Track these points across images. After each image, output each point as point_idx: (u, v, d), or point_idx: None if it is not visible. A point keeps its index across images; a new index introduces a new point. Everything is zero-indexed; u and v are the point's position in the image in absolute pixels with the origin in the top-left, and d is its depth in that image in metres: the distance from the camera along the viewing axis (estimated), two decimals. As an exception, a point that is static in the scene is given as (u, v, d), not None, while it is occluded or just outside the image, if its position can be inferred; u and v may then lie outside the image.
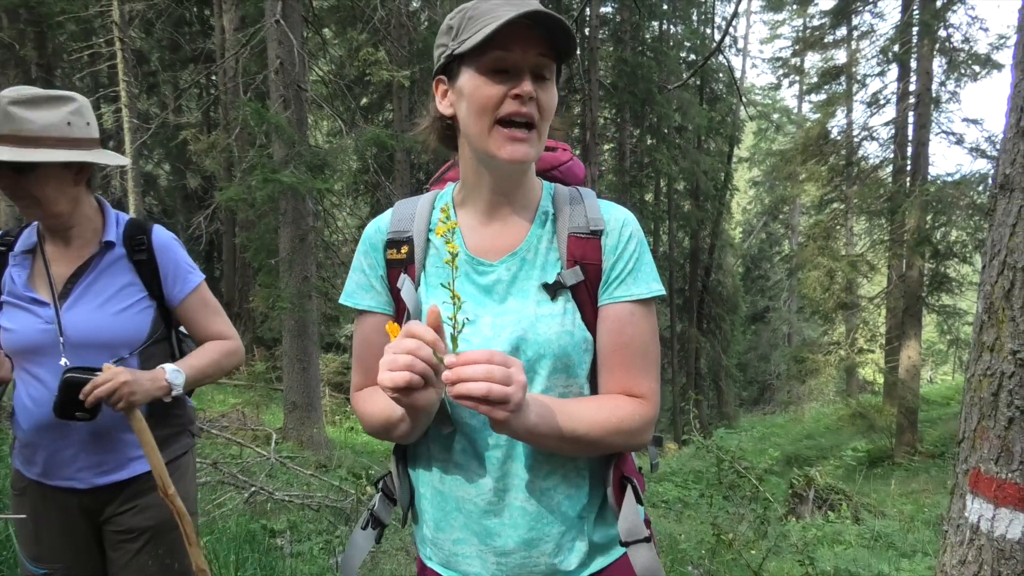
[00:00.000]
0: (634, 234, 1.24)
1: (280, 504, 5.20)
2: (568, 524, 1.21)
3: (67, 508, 1.82)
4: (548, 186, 1.30)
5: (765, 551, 4.15)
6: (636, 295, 1.21)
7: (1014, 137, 1.46)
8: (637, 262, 1.23)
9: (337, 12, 12.99)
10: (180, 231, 18.45)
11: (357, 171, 13.00)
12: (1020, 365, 1.43)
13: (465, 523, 1.20)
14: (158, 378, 1.74)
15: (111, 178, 12.89)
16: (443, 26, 1.20)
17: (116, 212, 1.90)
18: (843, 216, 17.37)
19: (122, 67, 10.42)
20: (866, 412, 14.85)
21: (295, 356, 8.77)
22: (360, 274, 1.29)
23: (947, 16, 13.72)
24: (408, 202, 1.32)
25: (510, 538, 1.18)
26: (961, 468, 1.58)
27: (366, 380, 1.31)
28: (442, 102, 1.22)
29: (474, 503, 1.19)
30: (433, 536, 1.25)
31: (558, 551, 1.20)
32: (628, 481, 1.26)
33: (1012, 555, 1.44)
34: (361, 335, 1.30)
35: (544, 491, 1.19)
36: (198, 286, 1.94)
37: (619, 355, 1.21)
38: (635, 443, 1.21)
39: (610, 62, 20.25)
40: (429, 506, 1.25)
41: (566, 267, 1.21)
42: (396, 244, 1.26)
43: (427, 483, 1.26)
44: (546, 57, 1.13)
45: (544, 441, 1.11)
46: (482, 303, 1.20)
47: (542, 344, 1.16)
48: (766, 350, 29.97)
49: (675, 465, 12.07)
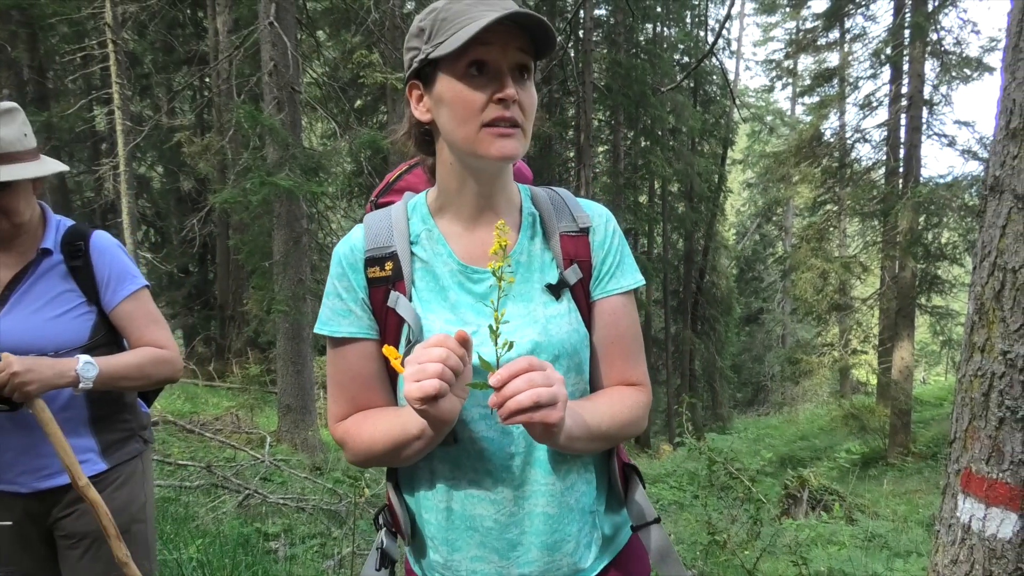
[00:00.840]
0: (616, 228, 1.27)
1: (274, 507, 5.18)
2: (584, 520, 1.22)
3: (14, 512, 1.81)
4: (524, 188, 1.29)
5: (759, 551, 4.16)
6: (625, 287, 1.25)
7: (1003, 139, 1.47)
8: (622, 254, 1.26)
9: (331, 14, 12.97)
10: (174, 233, 18.42)
11: (351, 173, 12.98)
12: (1010, 365, 1.44)
13: (482, 541, 1.16)
14: (64, 370, 1.68)
15: (104, 180, 12.86)
16: (413, 28, 1.16)
17: (59, 218, 1.90)
18: (836, 218, 17.44)
19: (115, 69, 10.38)
20: (859, 413, 14.90)
21: (289, 359, 8.75)
22: (336, 300, 1.20)
23: (939, 19, 13.79)
24: (379, 215, 1.24)
25: (532, 545, 1.16)
26: (952, 468, 1.59)
27: (352, 408, 1.22)
28: (418, 107, 1.18)
29: (493, 519, 1.16)
30: (446, 560, 1.20)
31: (577, 548, 1.20)
32: (632, 468, 1.31)
33: (1003, 554, 1.45)
34: (343, 364, 1.21)
35: (564, 491, 1.19)
36: (135, 292, 1.89)
37: (617, 346, 1.24)
38: (639, 428, 1.24)
39: (604, 64, 20.28)
40: (438, 530, 1.19)
41: (563, 266, 1.21)
42: (378, 261, 1.18)
43: (432, 506, 1.20)
44: (525, 55, 1.11)
45: (577, 444, 1.11)
46: (480, 311, 1.17)
47: (556, 345, 1.16)
48: (760, 351, 30.04)
49: (669, 467, 12.06)
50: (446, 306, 1.17)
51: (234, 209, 9.13)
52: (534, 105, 1.14)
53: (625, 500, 1.30)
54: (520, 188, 1.29)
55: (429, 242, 1.20)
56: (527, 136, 1.14)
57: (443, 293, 1.18)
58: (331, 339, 1.21)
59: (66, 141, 15.30)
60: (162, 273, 18.12)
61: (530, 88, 1.13)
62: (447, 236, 1.21)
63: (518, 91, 1.10)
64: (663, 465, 12.54)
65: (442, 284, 1.18)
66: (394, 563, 1.30)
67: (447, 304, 1.17)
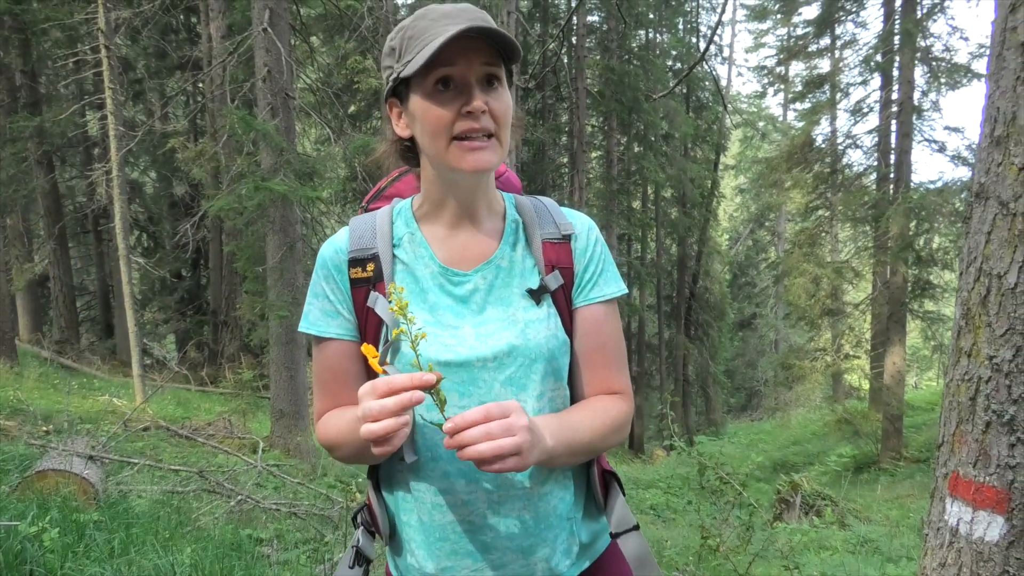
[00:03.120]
0: (598, 237, 1.28)
1: (267, 512, 5.17)
2: (561, 526, 1.22)
3: None
4: (508, 196, 1.31)
5: (751, 556, 4.17)
6: (607, 295, 1.25)
7: (988, 147, 1.49)
8: (604, 263, 1.26)
9: (324, 20, 12.98)
10: (166, 238, 18.36)
11: (345, 179, 12.98)
12: (996, 370, 1.45)
13: (454, 547, 1.18)
14: None
15: (96, 185, 12.81)
16: (386, 48, 1.18)
17: None
18: (828, 223, 17.51)
19: (108, 74, 10.35)
20: (852, 418, 14.94)
21: (282, 364, 8.73)
22: (324, 300, 1.23)
23: (928, 25, 13.89)
24: (364, 219, 1.27)
25: (507, 550, 1.18)
26: (940, 472, 1.61)
27: (332, 405, 1.26)
28: (398, 124, 1.22)
29: (468, 522, 1.17)
30: (421, 564, 1.21)
31: (553, 554, 1.20)
32: (611, 475, 1.30)
33: (990, 557, 1.46)
34: (326, 363, 1.24)
35: (541, 497, 1.19)
36: None
37: (599, 355, 1.24)
38: (621, 438, 1.24)
39: (597, 70, 20.33)
40: (414, 532, 1.21)
41: (545, 272, 1.22)
42: (360, 262, 1.21)
43: (408, 508, 1.22)
44: (492, 64, 1.11)
45: (559, 460, 1.13)
46: (460, 313, 1.19)
47: (533, 349, 1.17)
48: (753, 356, 30.11)
49: (663, 471, 12.08)
50: (425, 307, 1.19)
51: (228, 215, 9.12)
52: (508, 111, 1.14)
53: (604, 507, 1.30)
54: (504, 196, 1.30)
55: (411, 245, 1.23)
56: (503, 143, 1.15)
57: (423, 295, 1.20)
58: (316, 338, 1.24)
59: (59, 146, 15.25)
60: (155, 278, 18.07)
61: (502, 95, 1.13)
62: (429, 240, 1.23)
63: (489, 99, 1.11)
64: (656, 470, 12.56)
65: (422, 286, 1.20)
66: (369, 562, 1.30)
67: (426, 305, 1.19)
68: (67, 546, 3.34)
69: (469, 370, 1.15)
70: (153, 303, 19.27)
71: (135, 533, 3.81)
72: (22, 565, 3.04)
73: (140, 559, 3.38)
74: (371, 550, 1.31)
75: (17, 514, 3.50)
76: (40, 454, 5.17)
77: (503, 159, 1.17)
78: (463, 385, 1.15)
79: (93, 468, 4.70)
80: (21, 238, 14.71)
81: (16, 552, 3.07)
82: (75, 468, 4.45)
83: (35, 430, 6.91)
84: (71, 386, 10.00)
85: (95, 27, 10.73)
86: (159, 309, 19.22)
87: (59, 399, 8.92)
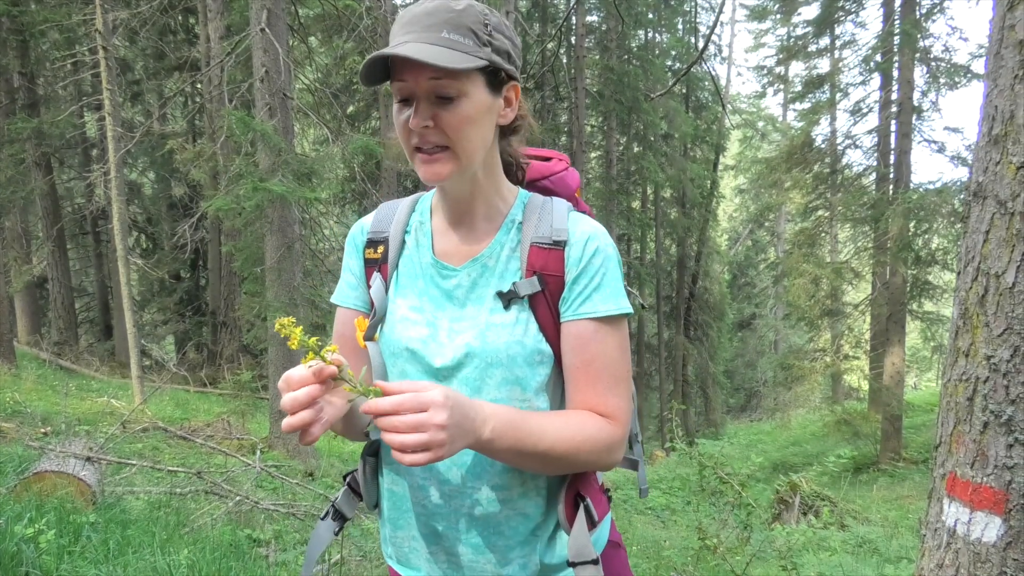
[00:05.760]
0: (600, 250, 1.18)
1: (265, 513, 5.16)
2: (518, 540, 1.19)
3: None
4: (523, 194, 1.27)
5: (749, 557, 4.16)
6: (600, 312, 1.16)
7: (986, 146, 1.48)
8: (603, 278, 1.17)
9: (323, 21, 12.97)
10: (165, 239, 18.35)
11: (344, 179, 12.98)
12: (994, 370, 1.45)
13: (416, 524, 1.23)
14: None
15: (95, 186, 12.81)
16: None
17: None
18: (828, 223, 17.50)
19: (106, 75, 10.34)
20: (851, 419, 14.91)
21: (281, 364, 8.71)
22: (348, 274, 1.33)
23: (927, 26, 13.90)
24: (392, 204, 1.35)
25: (458, 542, 1.19)
26: (938, 472, 1.60)
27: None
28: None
29: (423, 505, 1.21)
30: (391, 535, 1.29)
31: (506, 563, 1.19)
32: (581, 500, 1.21)
33: (988, 558, 1.45)
34: (337, 328, 1.35)
35: (501, 502, 1.17)
36: None
37: (583, 373, 1.17)
38: (602, 462, 1.17)
39: (596, 70, 20.35)
40: (387, 505, 1.29)
41: (524, 276, 1.18)
42: (374, 244, 1.30)
43: (386, 483, 1.30)
44: (440, 78, 1.07)
45: (502, 456, 1.09)
46: (443, 307, 1.21)
47: (491, 353, 1.15)
48: (753, 357, 30.11)
49: (662, 472, 12.09)
50: (414, 293, 1.24)
51: (226, 216, 9.12)
52: (463, 122, 1.11)
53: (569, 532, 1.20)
54: (520, 193, 1.27)
55: (419, 233, 1.29)
56: (462, 153, 1.13)
57: (415, 282, 1.25)
58: (336, 306, 1.35)
59: (57, 147, 15.23)
60: (153, 279, 18.07)
61: (456, 108, 1.10)
62: (435, 231, 1.28)
63: (439, 112, 1.09)
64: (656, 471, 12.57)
65: (418, 273, 1.26)
66: (345, 520, 1.35)
67: (415, 292, 1.24)
68: (63, 547, 3.34)
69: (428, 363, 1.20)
70: (152, 304, 19.27)
71: (132, 534, 3.80)
72: (18, 567, 3.04)
73: (137, 560, 3.37)
74: (349, 509, 1.35)
75: (14, 516, 3.49)
76: (38, 455, 5.17)
77: (468, 168, 1.15)
78: (425, 375, 1.20)
79: (91, 469, 4.70)
80: (19, 239, 14.69)
81: (12, 554, 3.07)
82: (73, 469, 4.45)
83: (33, 431, 6.91)
84: (69, 387, 9.99)
85: (93, 28, 10.73)
86: (158, 310, 19.22)
87: (57, 400, 8.92)
